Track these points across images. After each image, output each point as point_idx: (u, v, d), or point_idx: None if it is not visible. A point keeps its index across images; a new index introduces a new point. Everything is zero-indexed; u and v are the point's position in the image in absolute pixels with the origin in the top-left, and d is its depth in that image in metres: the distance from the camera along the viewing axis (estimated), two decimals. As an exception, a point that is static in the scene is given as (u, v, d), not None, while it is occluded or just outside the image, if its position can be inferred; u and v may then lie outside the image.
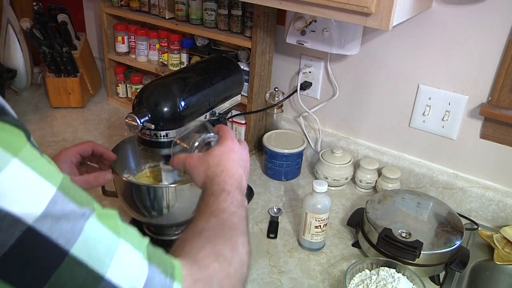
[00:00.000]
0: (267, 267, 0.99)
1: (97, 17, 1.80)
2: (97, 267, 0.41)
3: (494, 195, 1.12)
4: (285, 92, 1.39)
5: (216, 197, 0.66)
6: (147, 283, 0.44)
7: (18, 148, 0.39)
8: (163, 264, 0.47)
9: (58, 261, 0.39)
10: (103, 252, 0.42)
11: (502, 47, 1.01)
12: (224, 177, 0.70)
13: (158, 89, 0.91)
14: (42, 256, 0.38)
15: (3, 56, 1.66)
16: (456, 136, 1.15)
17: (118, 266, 0.42)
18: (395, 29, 1.12)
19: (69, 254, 0.39)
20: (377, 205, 1.06)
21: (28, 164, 0.39)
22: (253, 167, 1.36)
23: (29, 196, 0.38)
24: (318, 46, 1.17)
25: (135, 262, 0.45)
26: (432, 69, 1.13)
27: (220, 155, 0.73)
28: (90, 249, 0.41)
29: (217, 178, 0.70)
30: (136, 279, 0.44)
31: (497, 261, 1.00)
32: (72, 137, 1.48)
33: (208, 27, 1.36)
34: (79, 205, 0.41)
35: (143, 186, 0.95)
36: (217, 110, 1.05)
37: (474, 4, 1.02)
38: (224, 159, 0.73)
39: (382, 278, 0.88)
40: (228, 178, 0.70)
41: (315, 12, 0.87)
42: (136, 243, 0.46)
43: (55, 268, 0.39)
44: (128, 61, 1.63)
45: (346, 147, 1.32)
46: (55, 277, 0.39)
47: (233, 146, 0.76)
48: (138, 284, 0.44)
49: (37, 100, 1.72)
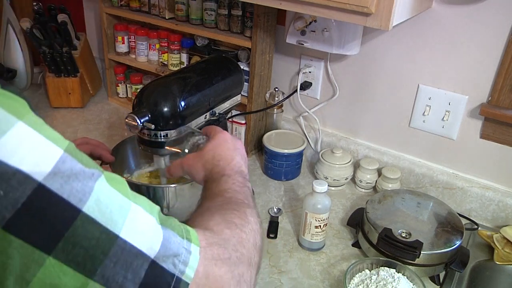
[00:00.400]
0: (267, 267, 0.99)
1: (97, 17, 1.80)
2: (110, 227, 0.40)
3: (494, 195, 1.12)
4: (285, 92, 1.39)
5: (217, 182, 0.68)
6: (163, 244, 0.44)
7: (23, 113, 0.39)
8: (178, 228, 0.47)
9: (71, 219, 0.38)
10: (115, 212, 0.41)
11: (502, 47, 1.01)
12: (222, 165, 0.71)
13: (158, 89, 0.91)
14: (55, 214, 0.38)
15: (3, 56, 1.66)
16: (456, 136, 1.15)
17: (132, 226, 0.42)
18: (395, 29, 1.12)
19: (82, 212, 0.39)
20: (377, 205, 1.06)
21: (34, 127, 0.38)
22: (253, 167, 1.36)
23: (36, 155, 0.38)
24: (318, 46, 1.17)
25: (149, 224, 0.44)
26: (432, 69, 1.13)
27: (214, 148, 0.74)
28: (102, 208, 0.40)
29: (215, 168, 0.72)
30: (152, 240, 0.43)
31: (497, 261, 1.00)
32: (72, 137, 1.48)
33: (208, 27, 1.36)
34: (87, 166, 0.41)
35: (143, 186, 0.95)
36: (217, 110, 1.05)
37: (474, 4, 1.02)
38: (218, 150, 0.74)
39: (382, 278, 0.88)
40: (226, 165, 0.71)
41: (315, 12, 0.87)
42: (147, 207, 0.46)
43: (69, 226, 0.38)
44: (128, 61, 1.63)
45: (346, 147, 1.32)
46: (68, 235, 0.38)
47: (225, 136, 0.77)
48: (154, 245, 0.43)
49: (37, 100, 1.72)
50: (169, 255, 0.44)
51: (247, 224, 0.57)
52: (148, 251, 0.43)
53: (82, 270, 0.39)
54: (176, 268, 0.44)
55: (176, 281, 0.44)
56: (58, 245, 0.38)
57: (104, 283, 0.40)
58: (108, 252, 0.40)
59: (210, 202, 0.62)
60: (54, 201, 0.38)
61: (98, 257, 0.40)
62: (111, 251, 0.40)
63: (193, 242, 0.47)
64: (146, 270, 0.42)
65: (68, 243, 0.38)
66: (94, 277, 0.40)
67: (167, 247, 0.44)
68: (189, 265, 0.45)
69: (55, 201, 0.38)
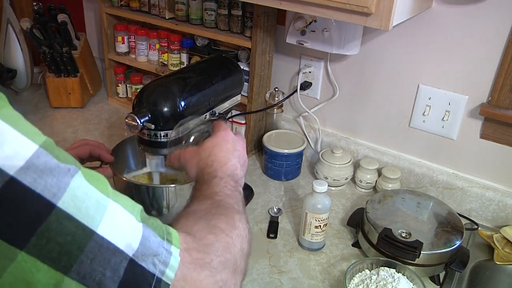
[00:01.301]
0: (267, 267, 0.99)
1: (97, 17, 1.80)
2: (87, 222, 0.40)
3: (494, 195, 1.12)
4: (285, 92, 1.39)
5: (208, 184, 0.66)
6: (142, 243, 0.43)
7: None
8: (159, 229, 0.46)
9: (45, 214, 0.38)
10: (92, 208, 0.41)
11: (502, 47, 1.01)
12: (215, 167, 0.70)
13: (158, 89, 0.91)
14: (27, 208, 0.37)
15: (3, 56, 1.66)
16: (456, 136, 1.15)
17: (109, 223, 0.41)
18: (395, 29, 1.12)
19: (56, 207, 0.38)
20: (377, 205, 1.06)
21: (7, 122, 0.38)
22: (253, 167, 1.36)
23: (8, 149, 0.37)
24: (318, 46, 1.17)
25: (128, 222, 0.43)
26: (432, 69, 1.13)
27: (212, 147, 0.73)
28: (78, 204, 0.40)
29: (208, 168, 0.70)
30: (131, 237, 0.43)
31: (497, 261, 1.00)
32: (72, 137, 1.48)
33: (208, 27, 1.36)
34: (63, 162, 0.40)
35: (143, 186, 0.95)
36: (217, 110, 1.05)
37: (474, 4, 1.02)
38: (215, 150, 0.73)
39: (382, 278, 0.88)
40: (219, 167, 0.70)
41: (315, 12, 0.87)
42: (128, 206, 0.45)
43: (42, 221, 0.38)
44: (128, 61, 1.63)
45: (346, 147, 1.32)
46: (42, 229, 0.38)
47: (226, 137, 0.75)
48: (133, 243, 0.43)
49: (37, 100, 1.72)
50: (149, 254, 0.43)
51: (234, 230, 0.56)
52: (126, 249, 0.42)
53: (57, 266, 0.39)
54: (156, 268, 0.44)
55: (156, 281, 0.44)
56: (31, 240, 0.37)
57: (80, 280, 0.39)
58: (84, 248, 0.39)
59: (198, 204, 0.61)
60: (27, 195, 0.37)
61: (74, 253, 0.39)
62: (87, 247, 0.40)
63: (173, 244, 0.46)
64: (125, 268, 0.42)
65: (42, 238, 0.38)
66: (69, 273, 0.39)
67: (146, 245, 0.44)
68: (169, 266, 0.45)
69: (28, 195, 0.37)
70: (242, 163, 0.75)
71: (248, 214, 1.15)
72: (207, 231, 0.53)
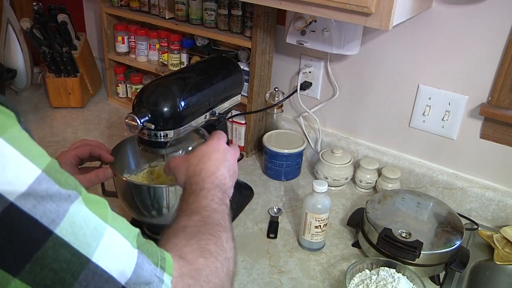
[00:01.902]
0: (267, 267, 0.99)
1: (97, 17, 1.80)
2: (83, 250, 0.40)
3: (494, 195, 1.12)
4: (285, 92, 1.39)
5: (196, 196, 0.66)
6: (135, 271, 0.44)
7: (5, 127, 0.38)
8: (153, 255, 0.47)
9: (42, 241, 0.38)
10: (89, 235, 0.41)
11: (502, 47, 1.01)
12: (203, 176, 0.69)
13: (158, 89, 0.91)
14: (25, 234, 0.37)
15: (3, 56, 1.66)
16: (456, 136, 1.15)
17: (105, 250, 0.42)
18: (395, 29, 1.12)
19: (54, 234, 0.38)
20: (377, 205, 1.06)
21: (13, 144, 0.38)
22: (253, 167, 1.36)
23: (11, 174, 0.37)
24: (318, 46, 1.17)
25: (123, 249, 0.44)
26: (432, 69, 1.13)
27: (202, 155, 0.73)
28: (76, 231, 0.40)
29: (196, 177, 0.70)
30: (124, 265, 0.43)
31: (497, 261, 1.00)
32: (72, 137, 1.48)
33: (208, 27, 1.36)
34: (64, 188, 0.41)
35: (143, 186, 0.95)
36: (217, 110, 1.05)
37: (474, 4, 1.02)
38: (205, 158, 0.72)
39: (382, 278, 0.88)
40: (207, 177, 0.69)
41: (315, 12, 0.87)
42: (124, 231, 0.45)
43: (39, 248, 0.38)
44: (128, 61, 1.63)
45: (346, 147, 1.32)
46: (38, 256, 0.38)
47: (218, 146, 0.74)
48: (126, 270, 0.43)
49: (37, 100, 1.72)
50: (141, 282, 0.44)
51: (222, 253, 0.57)
52: (119, 277, 0.42)
53: None
54: None
55: None
56: (26, 266, 0.37)
57: None
58: (78, 276, 0.40)
59: (187, 220, 0.61)
60: (25, 222, 0.37)
61: (68, 280, 0.39)
62: (82, 275, 0.40)
63: (166, 271, 0.47)
64: None
65: (37, 265, 0.38)
66: None
67: (139, 274, 0.44)
68: None
69: (26, 222, 0.37)
70: (231, 174, 0.74)
71: (248, 214, 1.15)
72: (198, 254, 0.53)
